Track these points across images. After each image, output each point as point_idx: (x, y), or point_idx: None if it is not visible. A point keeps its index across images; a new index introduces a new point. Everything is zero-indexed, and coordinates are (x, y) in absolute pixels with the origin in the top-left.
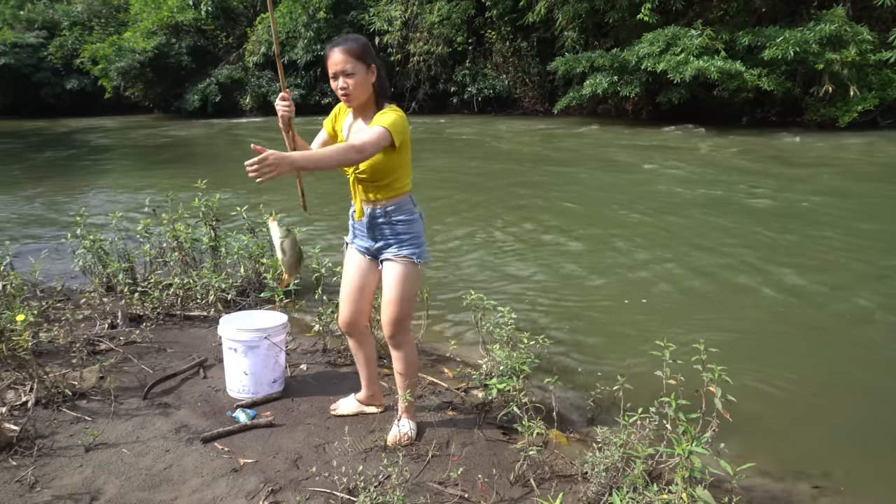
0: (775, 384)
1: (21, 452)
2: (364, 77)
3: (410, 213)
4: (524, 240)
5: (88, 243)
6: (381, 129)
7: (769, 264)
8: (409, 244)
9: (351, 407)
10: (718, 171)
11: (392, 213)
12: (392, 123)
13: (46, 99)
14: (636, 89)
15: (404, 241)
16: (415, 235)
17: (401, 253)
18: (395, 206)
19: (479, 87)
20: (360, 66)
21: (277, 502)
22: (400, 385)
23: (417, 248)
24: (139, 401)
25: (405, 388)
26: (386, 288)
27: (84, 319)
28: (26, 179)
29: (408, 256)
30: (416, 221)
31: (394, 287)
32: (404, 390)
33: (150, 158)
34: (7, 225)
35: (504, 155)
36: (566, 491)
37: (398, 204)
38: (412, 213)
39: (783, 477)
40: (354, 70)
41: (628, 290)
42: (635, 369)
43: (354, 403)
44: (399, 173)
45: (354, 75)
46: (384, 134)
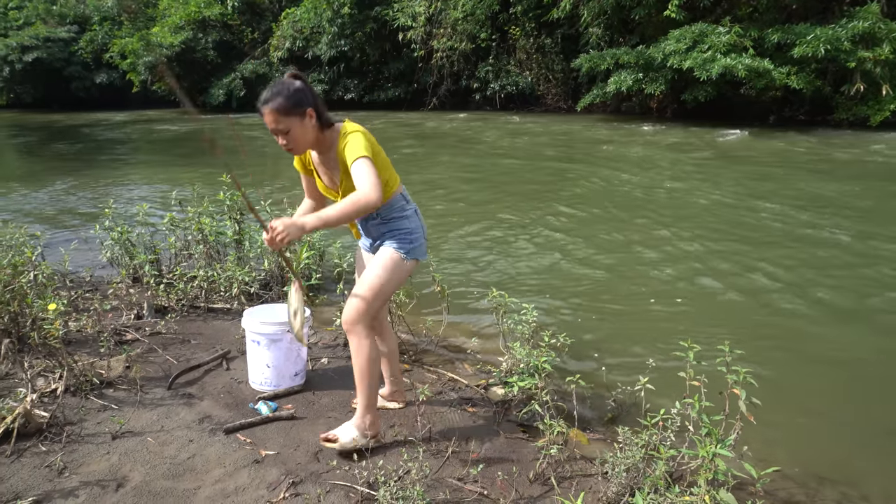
0: (801, 388)
1: (50, 438)
2: (300, 127)
3: (402, 210)
4: (545, 238)
5: (116, 235)
6: (361, 164)
7: (800, 268)
8: (401, 238)
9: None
10: (750, 171)
11: (384, 212)
12: (362, 148)
13: (77, 93)
14: (661, 87)
15: (396, 236)
16: (408, 231)
17: (391, 245)
18: (387, 205)
19: (502, 83)
20: (292, 120)
21: (298, 494)
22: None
23: (410, 243)
24: (164, 391)
25: (358, 390)
26: (364, 272)
27: (111, 310)
28: (56, 171)
29: (396, 249)
30: (408, 217)
31: (369, 272)
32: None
33: (176, 152)
34: (38, 216)
35: (526, 152)
36: (586, 490)
37: (389, 203)
38: (404, 210)
39: (807, 482)
40: (288, 126)
41: (653, 291)
42: (657, 370)
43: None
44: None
45: (290, 131)
46: (366, 163)
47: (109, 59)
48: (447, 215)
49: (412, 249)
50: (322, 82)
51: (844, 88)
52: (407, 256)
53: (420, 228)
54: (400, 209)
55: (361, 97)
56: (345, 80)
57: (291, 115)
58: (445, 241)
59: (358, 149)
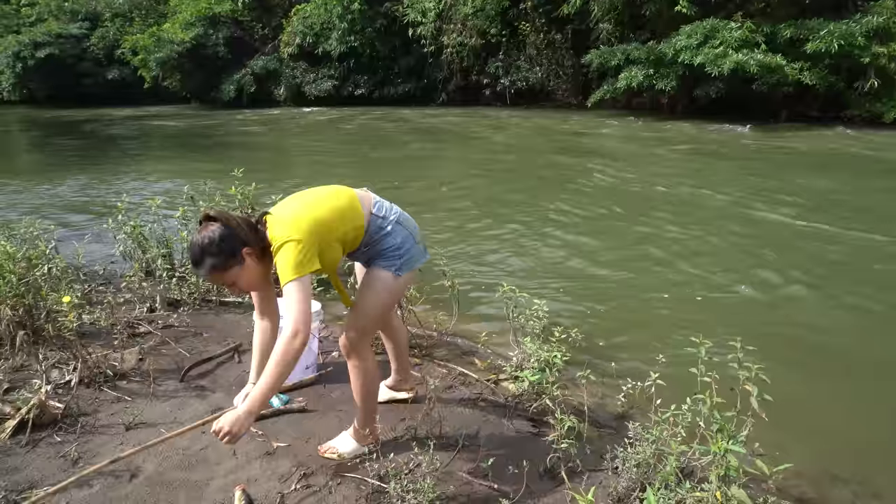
0: (814, 385)
1: (65, 429)
2: (245, 271)
3: (381, 229)
4: (555, 234)
5: (129, 229)
6: (288, 290)
7: (814, 266)
8: (388, 256)
9: (382, 394)
10: (760, 168)
11: (364, 241)
12: (289, 270)
13: (88, 89)
14: (672, 83)
15: (383, 255)
16: (395, 247)
17: (380, 264)
18: (365, 236)
19: (512, 79)
20: (233, 272)
21: (309, 486)
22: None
23: (399, 258)
24: (176, 383)
25: (358, 410)
26: (358, 293)
27: (124, 303)
28: (69, 166)
29: (385, 268)
30: (390, 234)
31: (362, 295)
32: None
33: (188, 147)
34: (52, 210)
35: (535, 148)
36: (596, 485)
37: (367, 233)
38: (383, 230)
39: (820, 480)
40: (232, 279)
41: (664, 287)
42: (668, 366)
43: (385, 390)
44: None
45: (236, 281)
46: (292, 290)
47: (121, 56)
48: (457, 211)
49: (402, 265)
50: (332, 78)
51: (858, 84)
52: (399, 272)
53: (407, 238)
54: (378, 230)
55: (371, 93)
56: (354, 76)
57: (230, 268)
58: (455, 236)
59: (286, 271)
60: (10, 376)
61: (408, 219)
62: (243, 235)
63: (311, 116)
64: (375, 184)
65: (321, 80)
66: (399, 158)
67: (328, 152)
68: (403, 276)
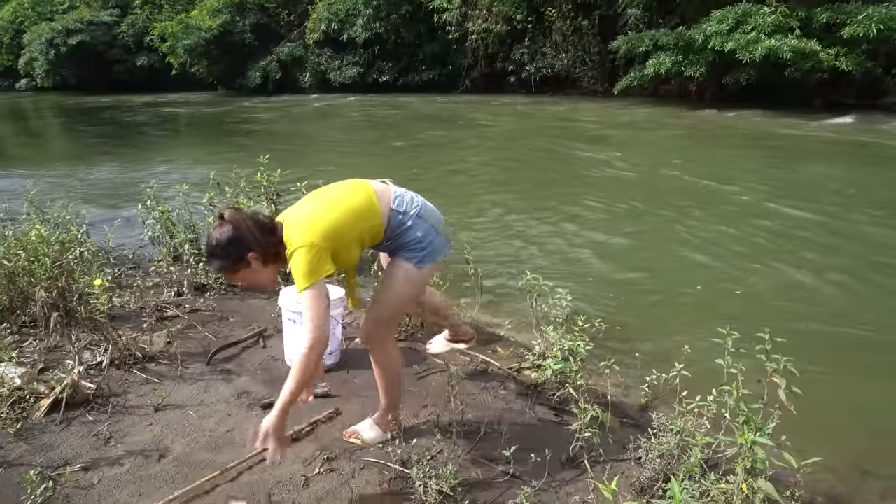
0: (845, 379)
1: (97, 409)
2: (251, 274)
3: (402, 224)
4: (580, 223)
5: (157, 214)
6: (303, 298)
7: (847, 259)
8: (411, 249)
9: (440, 345)
10: (790, 157)
11: (388, 235)
12: (302, 278)
13: (118, 75)
14: (701, 70)
15: (406, 247)
16: (418, 241)
17: (403, 256)
18: (387, 230)
19: (538, 66)
20: (241, 273)
21: (333, 470)
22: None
23: (421, 251)
24: (203, 366)
25: (381, 392)
26: (379, 284)
27: (153, 287)
28: (99, 152)
29: (407, 260)
30: (412, 227)
31: (383, 287)
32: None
33: (214, 133)
34: (83, 195)
35: (559, 136)
36: (619, 475)
37: (388, 227)
38: (404, 224)
39: (849, 475)
40: (241, 278)
41: (691, 278)
42: (694, 357)
43: (443, 343)
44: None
45: (245, 280)
46: (307, 298)
47: (150, 43)
48: (481, 198)
49: (424, 257)
50: (357, 65)
51: None
52: (421, 265)
53: (429, 231)
54: (399, 224)
55: (395, 80)
56: (379, 63)
57: (237, 269)
58: (477, 225)
59: (299, 279)
60: (44, 357)
61: (431, 211)
62: (251, 241)
63: (335, 103)
64: (396, 172)
65: (346, 66)
66: (419, 145)
67: (350, 140)
68: (426, 267)
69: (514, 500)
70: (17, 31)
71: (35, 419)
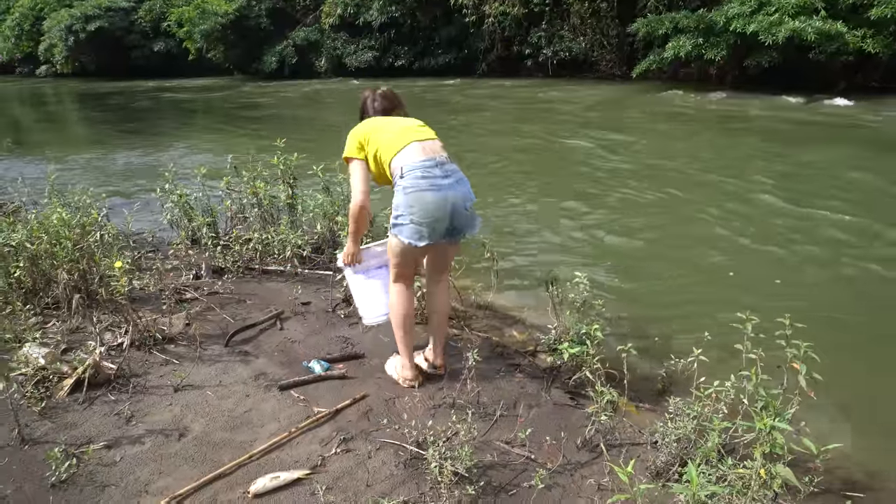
0: (867, 367)
1: (118, 389)
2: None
3: (395, 184)
4: (596, 208)
5: (176, 198)
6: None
7: (868, 244)
8: (392, 213)
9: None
10: (810, 140)
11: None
12: (345, 151)
13: (136, 61)
14: (722, 52)
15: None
16: (395, 206)
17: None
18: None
19: (555, 49)
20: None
21: (349, 450)
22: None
23: (394, 219)
24: (221, 348)
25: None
26: None
27: (172, 269)
28: (119, 137)
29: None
30: (396, 192)
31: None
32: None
33: (231, 117)
34: (103, 179)
35: (576, 121)
36: (635, 458)
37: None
38: (396, 185)
39: (868, 463)
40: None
41: (710, 264)
42: (712, 343)
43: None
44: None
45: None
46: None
47: (167, 28)
48: (496, 183)
49: (395, 226)
50: (372, 49)
51: None
52: (392, 230)
53: (407, 210)
54: (395, 182)
55: (412, 63)
56: (395, 47)
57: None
58: (493, 210)
59: (344, 152)
60: (66, 337)
61: (425, 202)
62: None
63: (349, 86)
64: None
65: (362, 51)
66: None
67: None
68: (398, 239)
69: (529, 481)
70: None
71: (58, 398)
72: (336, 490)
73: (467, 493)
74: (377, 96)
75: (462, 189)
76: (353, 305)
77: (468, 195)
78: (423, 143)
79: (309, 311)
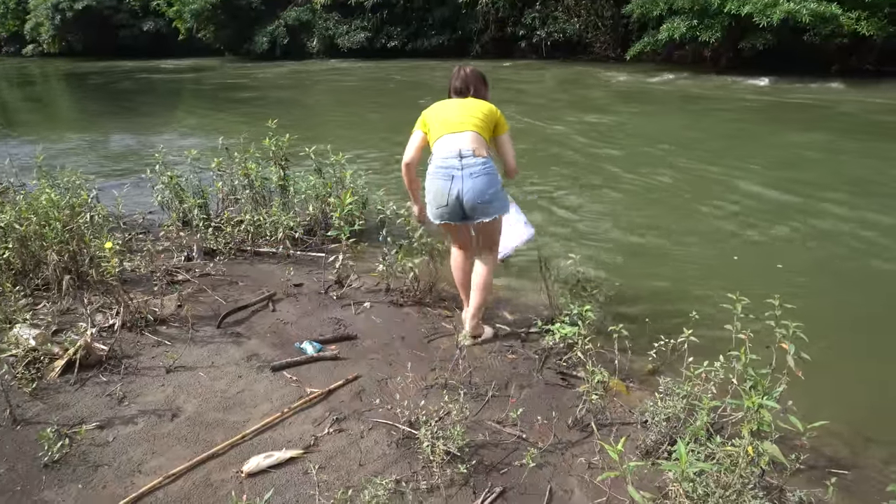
0: (853, 347)
1: (110, 370)
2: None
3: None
4: (588, 190)
5: (166, 179)
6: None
7: (855, 227)
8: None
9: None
10: (804, 124)
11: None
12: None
13: (124, 41)
14: (717, 34)
15: None
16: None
17: None
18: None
19: (549, 30)
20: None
21: (342, 430)
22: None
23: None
24: (213, 329)
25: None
26: None
27: (163, 251)
28: (107, 117)
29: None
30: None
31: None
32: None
33: (222, 99)
34: (90, 161)
35: (569, 102)
36: (625, 437)
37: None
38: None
39: (853, 440)
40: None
41: (701, 246)
42: (702, 324)
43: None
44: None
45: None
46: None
47: (156, 7)
48: None
49: (425, 205)
50: (365, 30)
51: None
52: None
53: (428, 191)
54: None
55: (404, 45)
56: (388, 28)
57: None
58: None
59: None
60: (57, 319)
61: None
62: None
63: (342, 68)
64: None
65: (354, 31)
66: None
67: (355, 104)
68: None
69: (521, 460)
70: None
71: (49, 379)
72: (329, 469)
73: (459, 472)
74: (458, 75)
75: (473, 182)
76: (344, 287)
77: (480, 187)
78: (453, 136)
79: (301, 293)
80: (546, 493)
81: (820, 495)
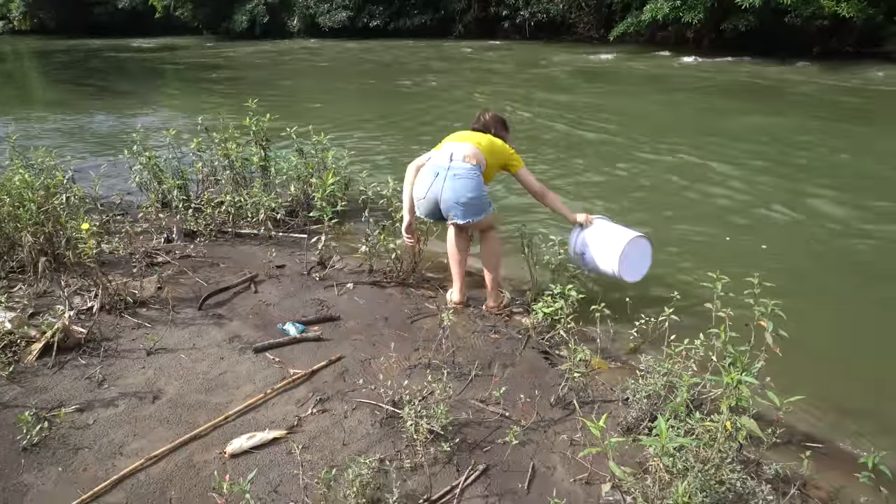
0: (828, 322)
1: (89, 353)
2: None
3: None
4: (571, 167)
5: (144, 160)
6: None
7: (839, 206)
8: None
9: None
10: (785, 107)
11: None
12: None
13: (99, 18)
14: (699, 15)
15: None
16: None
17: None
18: None
19: (532, 10)
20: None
21: (325, 410)
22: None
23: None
24: (194, 311)
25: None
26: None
27: (142, 233)
28: (82, 97)
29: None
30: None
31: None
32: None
33: (201, 78)
34: (66, 141)
35: (551, 83)
36: (606, 414)
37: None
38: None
39: (827, 414)
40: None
41: (682, 224)
42: (683, 303)
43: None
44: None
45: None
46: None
47: None
48: None
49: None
50: (346, 8)
51: None
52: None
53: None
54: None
55: (386, 24)
56: (370, 7)
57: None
58: None
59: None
60: (34, 301)
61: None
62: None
63: (322, 47)
64: (383, 117)
65: (335, 10)
66: (405, 94)
67: (337, 86)
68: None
69: (504, 438)
70: None
71: (27, 363)
72: (313, 449)
73: (443, 450)
74: (479, 119)
75: (454, 182)
76: (326, 269)
77: (459, 189)
78: (453, 144)
79: (283, 275)
80: (529, 469)
81: (795, 468)
